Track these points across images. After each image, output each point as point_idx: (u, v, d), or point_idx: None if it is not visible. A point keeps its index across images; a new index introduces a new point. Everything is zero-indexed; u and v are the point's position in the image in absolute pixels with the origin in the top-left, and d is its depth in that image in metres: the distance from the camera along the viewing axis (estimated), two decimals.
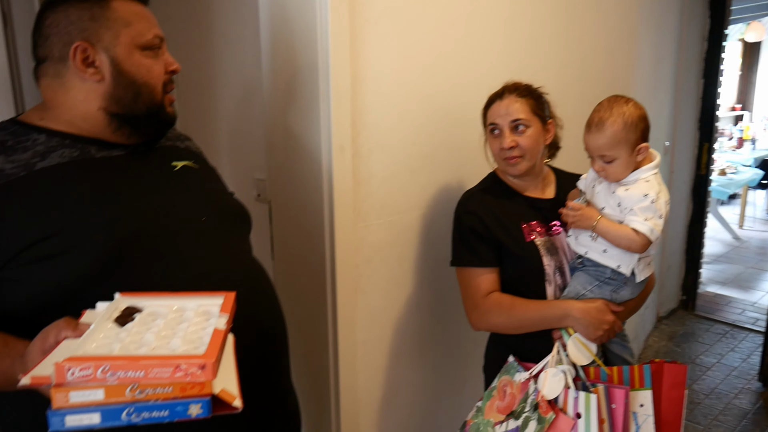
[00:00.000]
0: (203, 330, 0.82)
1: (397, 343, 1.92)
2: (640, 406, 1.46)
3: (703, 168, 4.26)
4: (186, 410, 0.73)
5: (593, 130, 1.47)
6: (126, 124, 1.11)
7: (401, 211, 1.85)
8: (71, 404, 0.71)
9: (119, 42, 1.07)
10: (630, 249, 1.46)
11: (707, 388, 3.39)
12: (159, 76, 1.12)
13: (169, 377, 0.72)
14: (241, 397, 0.78)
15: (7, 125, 1.07)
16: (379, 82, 1.71)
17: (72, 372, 0.70)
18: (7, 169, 0.99)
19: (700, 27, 4.03)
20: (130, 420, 0.72)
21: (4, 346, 0.89)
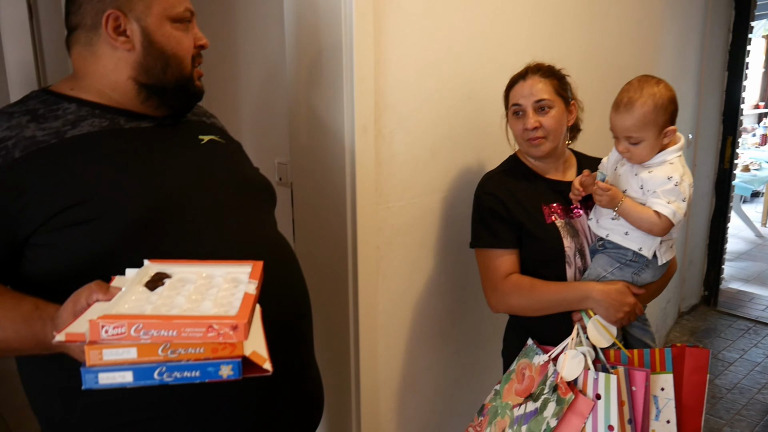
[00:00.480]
0: (233, 295, 0.82)
1: (418, 327, 1.93)
2: (660, 390, 1.45)
3: (727, 162, 4.20)
4: (217, 371, 0.73)
5: (622, 110, 1.44)
6: (154, 95, 1.12)
7: (423, 194, 1.85)
8: (104, 362, 0.71)
9: (151, 12, 1.08)
10: (651, 232, 1.44)
11: (730, 383, 3.35)
12: (188, 48, 1.12)
13: (201, 337, 0.72)
14: (271, 362, 0.77)
15: (39, 94, 1.09)
16: (402, 63, 1.71)
17: (106, 330, 0.71)
18: (39, 136, 1.00)
19: (725, 18, 3.97)
20: (162, 379, 0.72)
21: (35, 309, 0.90)
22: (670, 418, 1.45)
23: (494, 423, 1.57)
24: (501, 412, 1.56)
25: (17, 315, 0.90)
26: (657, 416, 1.45)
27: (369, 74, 1.62)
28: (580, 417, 1.39)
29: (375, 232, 1.71)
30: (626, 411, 1.41)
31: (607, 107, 2.47)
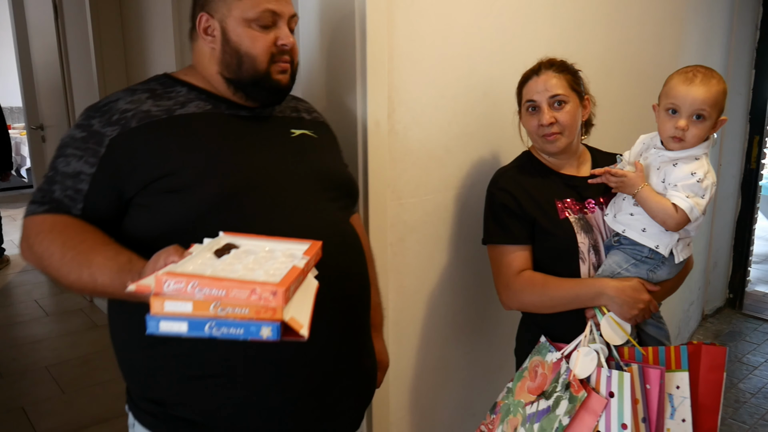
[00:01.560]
0: (285, 267, 0.90)
1: (430, 324, 1.91)
2: (676, 388, 1.43)
3: (753, 162, 4.12)
4: (258, 331, 0.80)
5: (698, 83, 1.40)
6: (239, 89, 1.26)
7: (437, 190, 1.84)
8: (165, 312, 0.81)
9: (230, 15, 1.22)
10: (665, 224, 1.42)
11: (754, 387, 3.28)
12: (264, 47, 1.22)
13: (245, 299, 0.80)
14: (310, 330, 0.85)
15: (160, 77, 1.29)
16: (416, 58, 1.71)
17: (168, 284, 0.81)
18: (153, 111, 1.18)
19: (752, 15, 3.90)
20: (211, 333, 0.81)
21: (129, 262, 1.02)
22: (685, 416, 1.42)
23: (506, 421, 1.55)
24: (513, 410, 1.54)
25: (114, 265, 1.03)
26: (672, 415, 1.43)
27: (382, 69, 1.61)
28: (593, 415, 1.37)
29: (387, 228, 1.70)
30: (640, 409, 1.38)
31: (627, 104, 2.44)
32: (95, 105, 1.20)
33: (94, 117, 1.16)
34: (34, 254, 1.09)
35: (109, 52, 3.55)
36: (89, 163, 1.12)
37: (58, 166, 1.14)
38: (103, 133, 1.13)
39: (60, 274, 1.06)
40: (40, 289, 4.68)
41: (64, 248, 1.06)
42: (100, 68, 3.52)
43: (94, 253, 1.05)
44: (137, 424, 1.20)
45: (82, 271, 1.04)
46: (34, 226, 1.11)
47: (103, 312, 4.15)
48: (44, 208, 1.13)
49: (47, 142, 4.60)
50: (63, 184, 1.13)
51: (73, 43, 3.88)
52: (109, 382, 3.23)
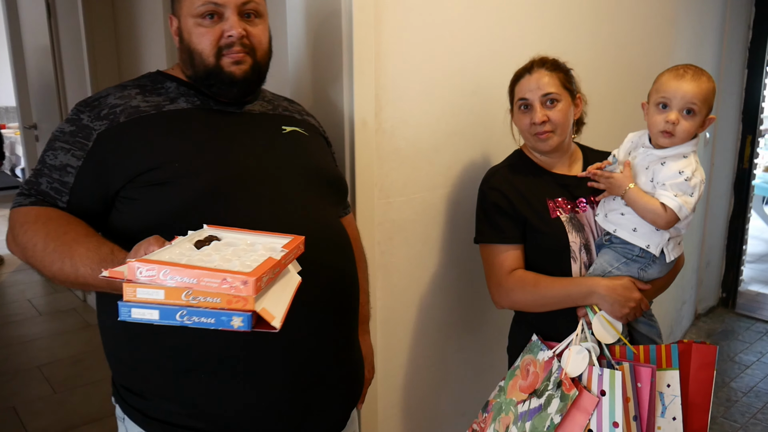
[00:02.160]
0: (262, 259, 0.89)
1: (420, 323, 1.91)
2: (666, 386, 1.43)
3: (746, 161, 4.13)
4: (229, 321, 0.81)
5: (688, 78, 1.41)
6: (204, 84, 1.25)
7: (426, 189, 1.83)
8: (138, 299, 0.81)
9: (182, 13, 1.23)
10: (655, 223, 1.42)
11: (746, 386, 3.28)
12: (209, 41, 1.21)
13: (216, 287, 0.80)
14: (283, 323, 0.85)
15: (152, 74, 1.31)
16: (404, 57, 1.70)
17: (140, 271, 0.81)
18: (142, 106, 1.19)
19: (745, 14, 3.91)
20: (182, 321, 0.81)
21: (111, 254, 1.03)
22: (676, 414, 1.42)
23: (498, 419, 1.55)
24: (505, 409, 1.54)
25: (96, 256, 1.03)
26: (663, 413, 1.43)
27: (369, 68, 1.60)
28: (585, 413, 1.37)
29: (375, 227, 1.70)
30: (631, 407, 1.38)
31: (617, 103, 2.44)
32: (85, 100, 1.21)
33: (84, 112, 1.18)
34: (18, 245, 1.11)
35: (102, 52, 3.54)
36: (76, 157, 1.14)
37: (46, 159, 1.16)
38: (92, 127, 1.15)
39: (43, 265, 1.07)
40: (33, 288, 4.67)
41: (47, 239, 1.07)
42: (92, 68, 3.51)
43: (77, 245, 1.05)
44: (127, 419, 1.20)
45: (64, 261, 1.04)
46: (19, 217, 1.12)
47: (96, 311, 4.13)
48: (30, 200, 1.14)
49: (41, 141, 4.58)
50: (50, 176, 1.14)
51: (66, 42, 3.87)
52: (101, 381, 3.22)
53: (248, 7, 1.23)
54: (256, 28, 1.25)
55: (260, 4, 1.26)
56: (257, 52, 1.26)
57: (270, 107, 1.37)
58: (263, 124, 1.31)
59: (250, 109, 1.31)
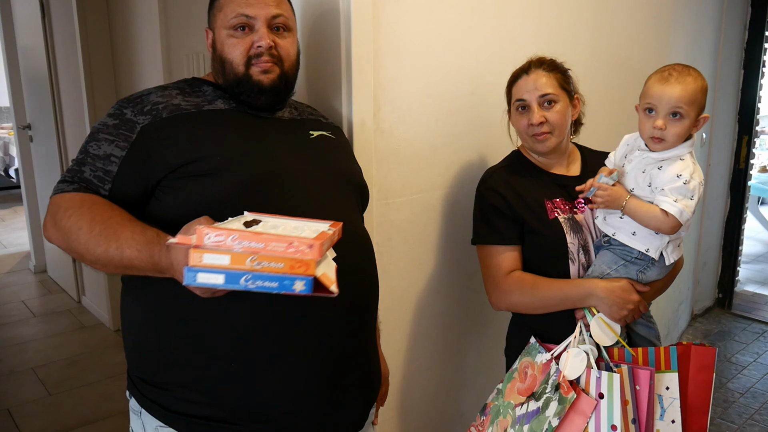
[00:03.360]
0: (315, 234, 0.94)
1: (419, 325, 1.90)
2: (665, 389, 1.42)
3: (742, 162, 4.14)
4: (292, 285, 0.85)
5: (672, 81, 1.38)
6: (234, 93, 1.31)
7: (424, 190, 1.82)
8: (203, 264, 0.85)
9: (217, 26, 1.31)
10: (659, 230, 1.41)
11: (743, 387, 3.28)
12: (240, 51, 1.28)
13: (283, 251, 0.85)
14: (338, 286, 0.90)
15: (188, 80, 1.37)
16: (403, 56, 1.69)
17: (209, 237, 0.85)
18: (183, 105, 1.25)
19: (741, 15, 3.91)
20: (246, 286, 0.85)
21: (157, 236, 1.06)
22: (675, 417, 1.41)
23: (496, 422, 1.54)
24: (503, 412, 1.53)
25: (142, 238, 1.06)
26: (662, 416, 1.42)
27: (368, 68, 1.59)
28: (583, 416, 1.36)
29: (374, 228, 1.69)
30: (630, 410, 1.37)
31: (615, 103, 2.44)
32: (127, 98, 1.27)
33: (127, 107, 1.23)
34: (60, 229, 1.13)
35: (96, 52, 3.53)
36: (120, 147, 1.18)
37: (89, 149, 1.20)
38: (135, 121, 1.20)
39: (87, 248, 1.09)
40: (27, 290, 4.64)
41: (93, 222, 1.10)
42: (87, 67, 3.50)
43: (122, 228, 1.08)
44: (144, 411, 1.22)
45: (109, 244, 1.07)
46: (63, 202, 1.15)
47: (91, 313, 4.11)
48: (73, 187, 1.17)
49: (35, 141, 4.56)
50: (93, 165, 1.19)
51: (60, 42, 3.85)
52: (96, 383, 3.20)
53: (278, 21, 1.30)
54: (284, 40, 1.32)
55: (289, 18, 1.34)
56: (285, 63, 1.32)
57: (297, 113, 1.43)
58: (293, 129, 1.37)
59: (281, 116, 1.38)
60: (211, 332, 1.14)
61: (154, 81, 2.98)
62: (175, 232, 1.01)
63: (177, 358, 1.17)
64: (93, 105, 3.51)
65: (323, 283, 0.88)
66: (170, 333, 1.17)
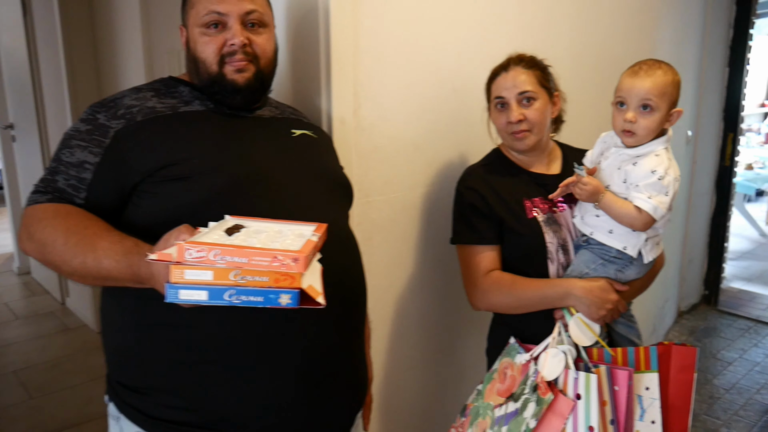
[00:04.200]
0: (298, 243, 0.92)
1: (400, 324, 1.88)
2: (645, 389, 1.40)
3: (728, 159, 4.15)
4: (277, 298, 0.83)
5: (642, 74, 1.39)
6: (209, 92, 1.28)
7: (406, 188, 1.81)
8: (185, 281, 0.83)
9: (189, 23, 1.28)
10: (632, 227, 1.40)
11: (728, 383, 3.29)
12: (213, 50, 1.25)
13: (267, 266, 0.83)
14: (324, 297, 0.88)
15: (164, 79, 1.34)
16: (383, 53, 1.67)
17: (190, 252, 0.83)
18: (158, 107, 1.22)
19: (725, 13, 3.92)
20: (231, 301, 0.83)
21: (135, 246, 1.03)
22: (655, 418, 1.40)
23: (476, 424, 1.52)
24: (482, 413, 1.52)
25: (120, 248, 1.03)
26: (641, 416, 1.40)
27: (347, 65, 1.58)
28: (560, 417, 1.35)
29: (354, 227, 1.65)
30: (608, 411, 1.36)
31: (598, 100, 2.42)
32: (100, 102, 1.23)
33: (100, 112, 1.20)
34: (35, 242, 1.09)
35: (79, 51, 3.50)
36: (93, 153, 1.15)
37: (62, 157, 1.17)
38: (109, 125, 1.17)
39: (63, 260, 1.07)
40: (10, 292, 4.59)
41: (68, 234, 1.07)
42: (69, 67, 3.47)
43: (99, 238, 1.06)
44: (123, 417, 1.19)
45: (86, 255, 1.04)
46: (36, 213, 1.12)
47: (75, 315, 4.07)
48: (47, 197, 1.14)
49: (18, 141, 4.51)
50: (66, 173, 1.15)
51: (43, 42, 3.81)
52: (79, 386, 3.17)
53: (252, 17, 1.26)
54: (260, 36, 1.28)
55: (265, 14, 1.29)
56: (260, 61, 1.28)
57: (278, 112, 1.40)
58: (274, 127, 1.35)
59: (260, 114, 1.35)
60: (192, 337, 1.12)
61: (136, 79, 2.95)
62: (154, 238, 0.98)
63: (157, 363, 1.15)
64: (76, 103, 3.48)
65: (310, 295, 0.86)
66: (150, 337, 1.14)
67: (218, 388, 1.12)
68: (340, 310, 1.23)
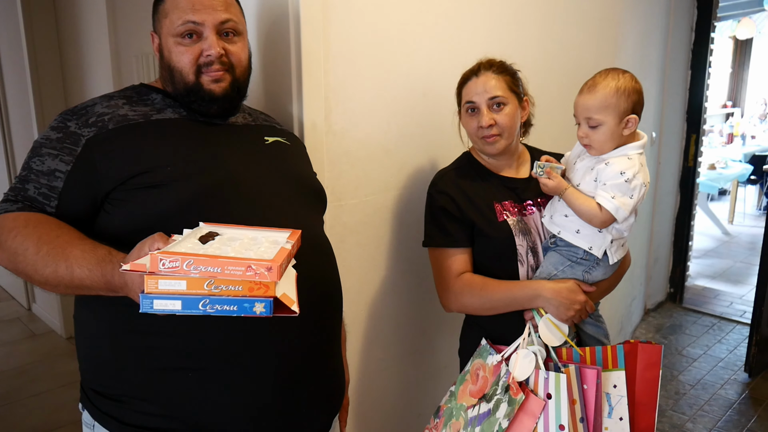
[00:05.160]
0: (272, 251, 0.93)
1: (374, 327, 1.90)
2: (613, 387, 1.44)
3: (691, 160, 4.24)
4: (252, 307, 0.84)
5: (585, 91, 1.45)
6: (184, 101, 1.28)
7: (377, 191, 1.82)
8: (159, 291, 0.83)
9: (163, 32, 1.27)
10: (591, 223, 1.44)
11: (693, 379, 3.37)
12: (189, 60, 1.24)
13: (241, 275, 0.83)
14: (298, 305, 0.89)
15: (136, 87, 1.33)
16: (353, 58, 1.68)
17: (163, 263, 0.83)
18: (130, 115, 1.21)
19: (687, 18, 4.01)
20: (205, 310, 0.84)
21: (108, 254, 1.03)
22: (622, 414, 1.44)
23: (449, 425, 1.54)
24: (456, 414, 1.54)
25: (93, 257, 1.03)
26: (610, 413, 1.44)
27: (318, 70, 1.59)
28: (532, 417, 1.38)
29: (327, 230, 1.66)
30: (578, 409, 1.39)
31: (566, 104, 2.46)
32: (71, 109, 1.22)
33: (71, 120, 1.19)
34: (6, 251, 1.08)
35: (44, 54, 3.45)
36: (65, 162, 1.14)
37: (32, 166, 1.16)
38: (80, 133, 1.16)
39: (35, 269, 1.06)
40: None
41: (40, 243, 1.06)
42: (34, 71, 3.41)
43: (71, 247, 1.05)
44: (97, 425, 1.18)
45: (58, 264, 1.03)
46: (6, 222, 1.10)
47: (42, 320, 4.00)
48: (17, 206, 1.13)
49: None
50: (37, 182, 1.14)
51: (5, 45, 3.73)
52: (47, 392, 3.12)
53: (227, 26, 1.26)
54: (234, 45, 1.28)
55: (239, 22, 1.29)
56: (236, 70, 1.29)
57: (251, 119, 1.40)
58: (247, 134, 1.35)
59: (234, 121, 1.35)
60: (167, 343, 1.11)
61: (104, 83, 2.92)
62: (127, 246, 0.98)
63: (133, 370, 1.14)
64: (41, 109, 3.42)
65: (284, 303, 0.87)
66: (125, 344, 1.14)
67: (195, 394, 1.12)
68: (316, 315, 1.24)
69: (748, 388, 3.28)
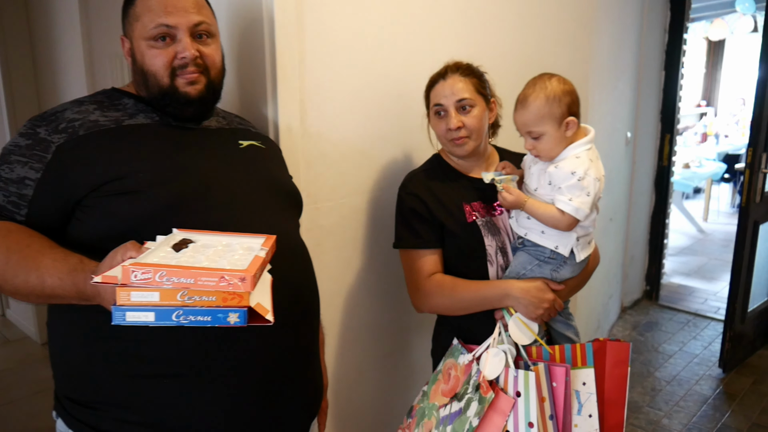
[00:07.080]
0: (246, 258, 0.92)
1: (350, 328, 1.90)
2: (582, 384, 1.46)
3: (665, 159, 4.30)
4: (226, 317, 0.84)
5: (518, 107, 1.47)
6: (159, 104, 1.26)
7: (353, 193, 1.83)
8: (132, 303, 0.82)
9: (135, 35, 1.25)
10: (557, 228, 1.46)
11: (669, 375, 3.42)
12: (163, 63, 1.23)
13: (214, 286, 0.83)
14: (273, 314, 0.89)
15: (107, 91, 1.31)
16: (328, 61, 1.69)
17: (135, 275, 0.82)
18: (101, 120, 1.19)
19: (660, 19, 4.07)
20: (179, 321, 0.84)
21: (80, 263, 1.02)
22: (592, 412, 1.45)
23: (422, 424, 1.55)
24: (428, 413, 1.55)
25: (64, 266, 1.02)
26: (579, 411, 1.46)
27: (293, 73, 1.59)
28: (502, 415, 1.39)
29: (304, 232, 1.66)
30: (547, 407, 1.41)
31: None
32: (40, 115, 1.19)
33: (40, 126, 1.16)
34: None
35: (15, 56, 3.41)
36: (34, 169, 1.12)
37: (1, 173, 1.13)
38: (50, 140, 1.14)
39: (5, 279, 1.05)
40: None
41: (9, 252, 1.04)
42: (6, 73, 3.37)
43: (42, 256, 1.04)
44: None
45: (29, 274, 1.03)
46: None
47: (16, 326, 3.95)
48: None
49: None
50: (6, 190, 1.12)
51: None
52: (21, 399, 3.08)
53: (200, 28, 1.25)
54: (208, 47, 1.27)
55: (212, 24, 1.29)
56: (211, 71, 1.28)
57: (225, 122, 1.40)
58: (221, 138, 1.34)
59: (207, 125, 1.34)
60: (141, 350, 1.10)
61: (77, 85, 2.89)
62: (99, 254, 0.97)
63: (107, 377, 1.12)
64: (13, 111, 3.39)
65: (259, 313, 0.87)
66: (100, 351, 1.12)
67: (171, 401, 1.11)
68: (293, 320, 1.24)
69: (722, 383, 3.34)
